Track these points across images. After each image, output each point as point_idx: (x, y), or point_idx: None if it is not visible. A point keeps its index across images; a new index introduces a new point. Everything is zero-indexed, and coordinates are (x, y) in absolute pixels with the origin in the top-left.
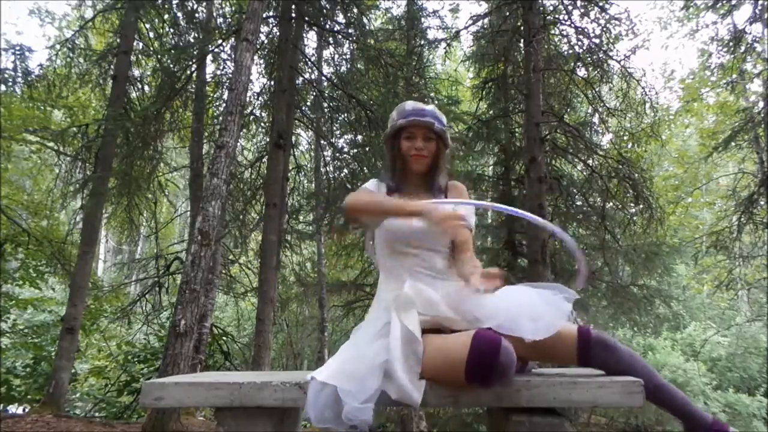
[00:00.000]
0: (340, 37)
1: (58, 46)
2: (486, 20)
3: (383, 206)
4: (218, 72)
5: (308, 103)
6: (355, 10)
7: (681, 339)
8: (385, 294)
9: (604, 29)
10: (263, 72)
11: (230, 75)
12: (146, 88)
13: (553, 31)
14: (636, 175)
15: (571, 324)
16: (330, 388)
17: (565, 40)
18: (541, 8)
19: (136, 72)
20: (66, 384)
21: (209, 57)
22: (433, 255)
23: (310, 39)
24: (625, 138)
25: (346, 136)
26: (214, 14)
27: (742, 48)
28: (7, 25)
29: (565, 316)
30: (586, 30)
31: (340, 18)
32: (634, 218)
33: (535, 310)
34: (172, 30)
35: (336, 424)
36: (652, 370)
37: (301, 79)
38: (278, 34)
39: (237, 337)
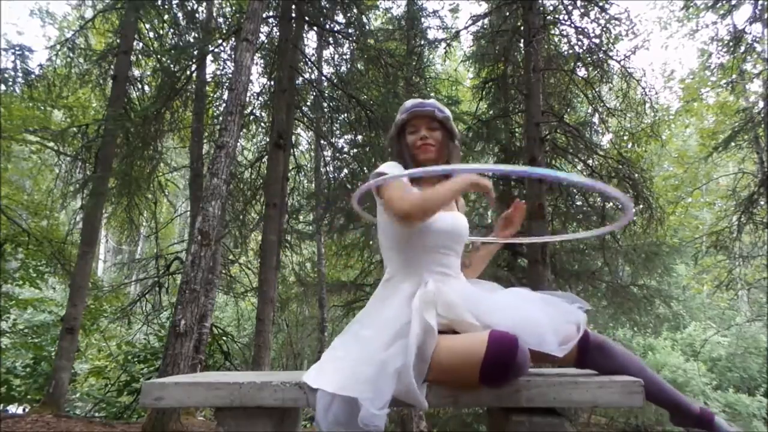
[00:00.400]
0: (340, 37)
1: (58, 46)
2: (486, 20)
3: (445, 197)
4: (218, 72)
5: (308, 103)
6: (355, 10)
7: (681, 339)
8: (404, 288)
9: (604, 29)
10: (263, 72)
11: (230, 75)
12: (146, 88)
13: (553, 31)
14: (636, 175)
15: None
16: (342, 398)
17: (565, 40)
18: (541, 8)
19: (136, 72)
20: (66, 384)
21: (209, 57)
22: (454, 256)
23: (310, 39)
24: (625, 138)
25: (346, 136)
26: (214, 14)
27: (742, 48)
28: (8, 26)
29: (581, 328)
30: (586, 30)
31: (340, 18)
32: (634, 218)
33: (556, 323)
34: (172, 30)
35: (348, 428)
36: (646, 369)
37: (301, 79)
38: (278, 34)
39: (237, 337)
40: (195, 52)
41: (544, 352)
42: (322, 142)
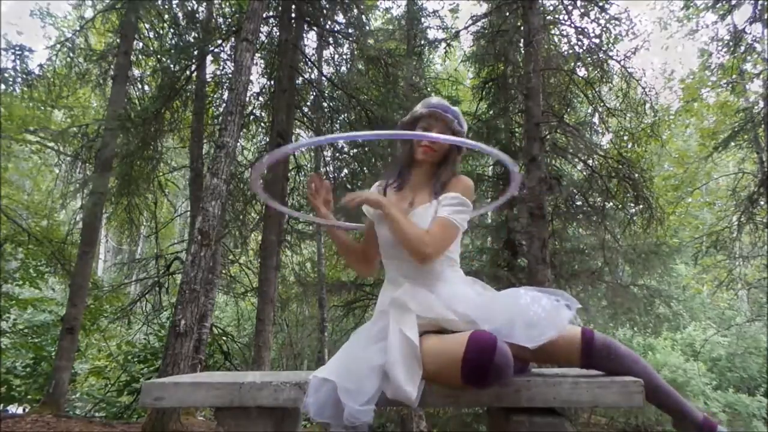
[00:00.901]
0: (340, 37)
1: (58, 46)
2: (486, 20)
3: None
4: (218, 72)
5: (308, 103)
6: (355, 10)
7: (681, 339)
8: (383, 297)
9: (604, 29)
10: (263, 72)
11: (230, 75)
12: (146, 88)
13: (553, 31)
14: (636, 175)
15: (574, 327)
16: (330, 384)
17: (565, 40)
18: (541, 8)
19: (136, 72)
20: (66, 384)
21: (209, 57)
22: None
23: (310, 39)
24: (625, 138)
25: None
26: (214, 14)
27: (742, 48)
28: (8, 26)
29: (563, 324)
30: (586, 30)
31: (340, 18)
32: (634, 218)
33: (531, 315)
34: (172, 30)
35: (335, 420)
36: (651, 371)
37: (301, 79)
38: (278, 34)
39: (237, 337)
40: (195, 52)
41: (515, 342)
42: None
